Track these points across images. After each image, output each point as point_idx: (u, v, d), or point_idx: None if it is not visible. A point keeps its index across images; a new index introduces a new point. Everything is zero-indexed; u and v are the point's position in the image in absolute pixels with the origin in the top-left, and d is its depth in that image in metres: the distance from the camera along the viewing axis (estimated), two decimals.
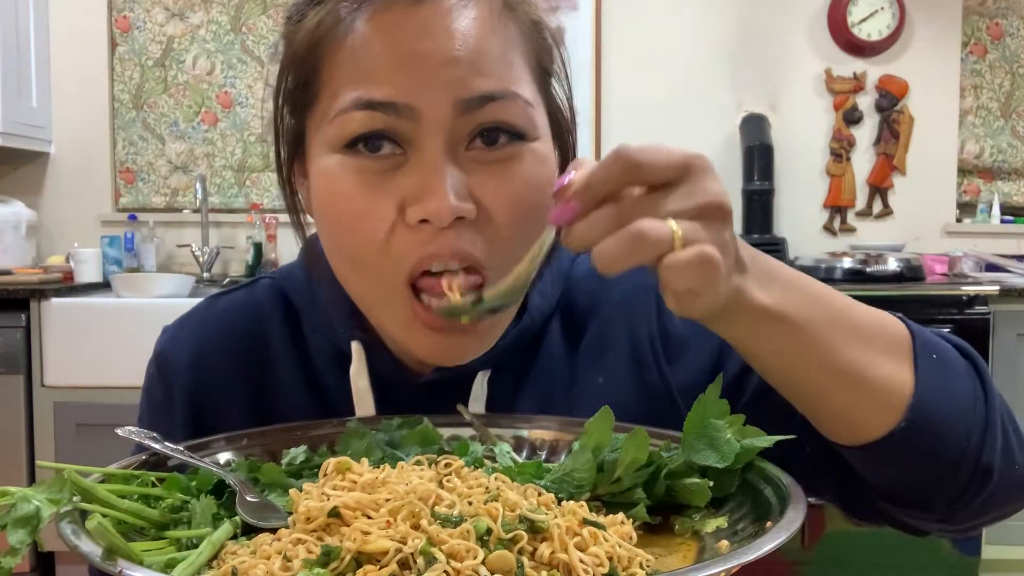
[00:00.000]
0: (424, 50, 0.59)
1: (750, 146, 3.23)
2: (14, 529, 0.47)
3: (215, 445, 0.66)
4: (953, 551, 2.69)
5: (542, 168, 0.63)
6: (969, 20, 3.44)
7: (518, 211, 0.61)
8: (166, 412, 0.76)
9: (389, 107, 0.59)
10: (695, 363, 0.73)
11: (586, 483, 0.58)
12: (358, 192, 0.61)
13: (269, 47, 3.47)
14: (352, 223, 0.62)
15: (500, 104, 0.60)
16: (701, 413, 0.59)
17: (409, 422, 0.67)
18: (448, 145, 0.60)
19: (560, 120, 0.69)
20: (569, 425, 0.69)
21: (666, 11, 3.38)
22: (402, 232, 0.60)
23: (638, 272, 0.57)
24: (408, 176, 0.60)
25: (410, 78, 0.59)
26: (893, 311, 0.65)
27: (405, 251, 0.60)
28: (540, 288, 0.75)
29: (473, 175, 0.60)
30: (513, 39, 0.63)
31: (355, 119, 0.60)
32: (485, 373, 0.71)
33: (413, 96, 0.59)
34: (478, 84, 0.60)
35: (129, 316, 2.79)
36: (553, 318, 0.75)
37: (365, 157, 0.61)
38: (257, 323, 0.77)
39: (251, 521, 0.54)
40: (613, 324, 0.75)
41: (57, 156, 3.45)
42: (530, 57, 0.65)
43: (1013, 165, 3.50)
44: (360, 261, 0.63)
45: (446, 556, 0.44)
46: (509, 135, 0.61)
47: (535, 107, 0.63)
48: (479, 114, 0.60)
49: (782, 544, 0.47)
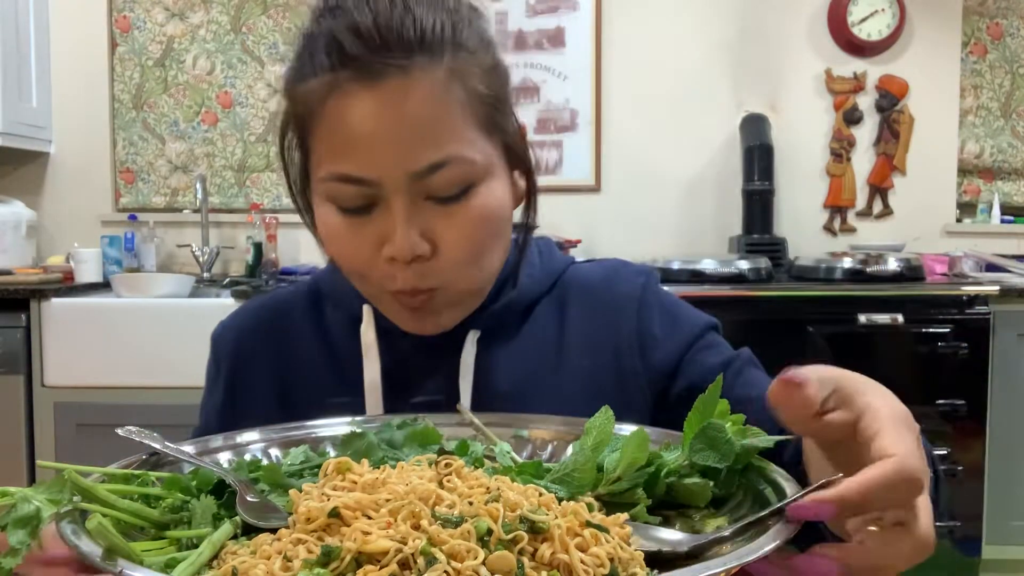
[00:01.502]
0: (377, 131, 0.72)
1: (750, 146, 3.23)
2: (14, 529, 0.47)
3: (215, 445, 0.67)
4: (953, 551, 2.69)
5: (491, 202, 0.77)
6: (969, 20, 3.43)
7: (468, 243, 0.77)
8: (215, 383, 0.94)
9: (355, 180, 0.74)
10: (663, 362, 0.87)
11: (586, 483, 0.58)
12: (345, 234, 0.77)
13: (269, 47, 3.47)
14: (343, 254, 0.79)
15: (447, 170, 0.73)
16: (701, 413, 0.59)
17: (409, 422, 0.67)
18: (407, 202, 0.74)
19: (514, 147, 0.81)
20: (569, 425, 0.69)
21: (666, 11, 3.38)
22: (379, 264, 0.77)
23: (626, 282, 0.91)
24: (380, 222, 0.75)
25: (367, 156, 0.73)
26: (893, 311, 0.65)
27: (381, 279, 0.78)
28: (530, 273, 0.90)
29: (430, 220, 0.75)
30: (457, 101, 0.74)
31: (332, 187, 0.76)
32: (475, 333, 0.86)
33: (372, 170, 0.73)
34: (425, 156, 0.73)
35: (129, 316, 2.79)
36: (543, 300, 0.91)
37: (351, 216, 0.76)
38: (285, 305, 0.95)
39: (251, 521, 0.54)
40: (601, 318, 0.90)
41: (57, 156, 3.45)
42: (475, 110, 0.76)
43: (1013, 165, 3.50)
44: (352, 276, 0.82)
45: (446, 556, 0.44)
46: (459, 192, 0.75)
47: (480, 157, 0.76)
48: (431, 178, 0.73)
49: (782, 544, 0.47)
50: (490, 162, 0.78)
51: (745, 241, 3.16)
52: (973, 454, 2.70)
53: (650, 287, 0.92)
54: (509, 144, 0.80)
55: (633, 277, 0.92)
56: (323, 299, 0.94)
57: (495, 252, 0.81)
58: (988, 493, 2.74)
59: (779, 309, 2.71)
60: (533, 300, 0.90)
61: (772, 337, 2.69)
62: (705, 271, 2.80)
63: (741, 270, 2.80)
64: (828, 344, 2.65)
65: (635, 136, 3.39)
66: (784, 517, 0.49)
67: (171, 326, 2.75)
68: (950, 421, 2.67)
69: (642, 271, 0.93)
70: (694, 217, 3.39)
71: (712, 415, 0.59)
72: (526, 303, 0.90)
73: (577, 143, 3.39)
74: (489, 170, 0.77)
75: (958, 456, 2.68)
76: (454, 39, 0.74)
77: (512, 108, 0.82)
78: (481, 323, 0.87)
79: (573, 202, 3.36)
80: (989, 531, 2.73)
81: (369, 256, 0.77)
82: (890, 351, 2.68)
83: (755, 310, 2.71)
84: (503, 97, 0.80)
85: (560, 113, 3.39)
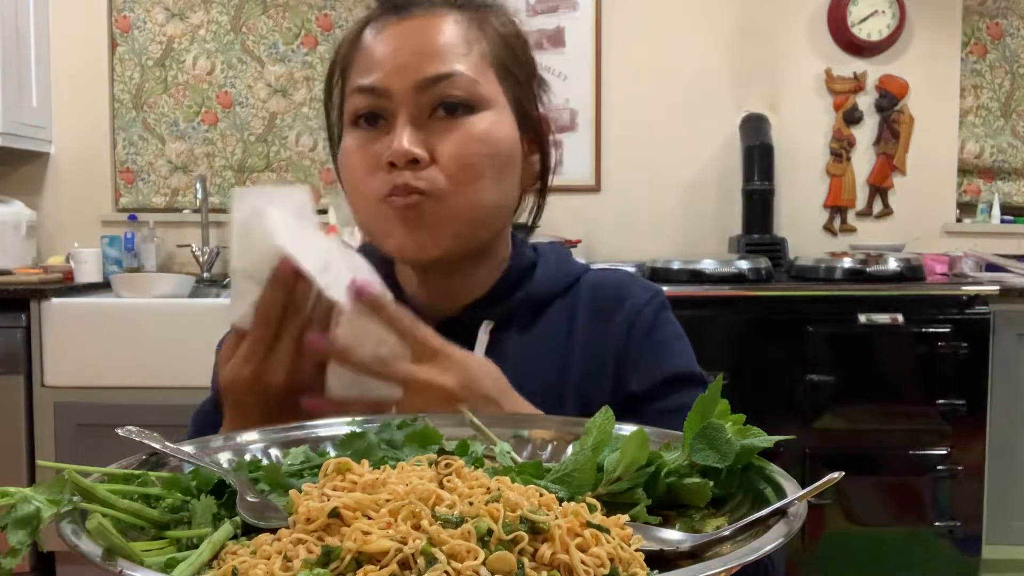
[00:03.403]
0: (398, 48, 0.83)
1: (750, 146, 3.23)
2: (14, 530, 0.47)
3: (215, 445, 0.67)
4: (953, 551, 2.69)
5: (490, 129, 0.84)
6: (969, 20, 3.44)
7: (461, 156, 0.82)
8: None
9: (372, 90, 0.83)
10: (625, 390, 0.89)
11: (586, 483, 0.58)
12: (356, 151, 0.85)
13: (269, 47, 3.47)
14: (350, 170, 0.86)
15: (449, 81, 0.82)
16: (701, 413, 0.59)
17: (409, 422, 0.67)
18: (413, 114, 0.82)
19: (528, 112, 0.88)
20: (569, 425, 0.69)
21: (666, 11, 3.38)
22: (381, 172, 0.83)
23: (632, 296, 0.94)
24: (388, 138, 0.83)
25: (385, 68, 0.83)
26: (893, 311, 0.66)
27: (378, 187, 0.83)
28: (546, 270, 0.94)
29: (432, 133, 0.82)
30: (475, 42, 0.84)
31: (353, 101, 0.85)
32: (489, 323, 0.89)
33: (383, 80, 0.82)
34: (432, 68, 0.82)
35: (129, 316, 2.79)
36: (557, 301, 0.93)
37: (363, 129, 0.85)
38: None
39: (251, 521, 0.54)
40: (602, 324, 0.92)
41: (57, 156, 3.45)
42: (491, 54, 0.85)
43: (1013, 165, 3.51)
44: (355, 197, 0.87)
45: (447, 556, 0.44)
46: (463, 107, 0.83)
47: (485, 85, 0.84)
48: (434, 88, 0.82)
49: (782, 544, 0.47)
50: (496, 98, 0.85)
51: (745, 241, 3.16)
52: (973, 454, 2.70)
53: (652, 307, 0.92)
54: (522, 104, 0.87)
55: (640, 292, 0.93)
56: None
57: (492, 183, 0.84)
58: (988, 493, 2.74)
59: (779, 309, 2.71)
60: (547, 298, 0.93)
61: (772, 337, 2.69)
62: (705, 271, 2.80)
63: (741, 270, 2.80)
64: (828, 344, 2.66)
65: (635, 136, 3.39)
66: (785, 517, 0.49)
67: (171, 326, 2.75)
68: (950, 421, 2.67)
69: (650, 289, 0.94)
70: (694, 217, 3.39)
71: (712, 415, 0.59)
72: (540, 299, 0.92)
73: (577, 143, 3.39)
74: (495, 103, 0.84)
75: (958, 456, 2.68)
76: (482, 3, 0.87)
77: (536, 93, 0.90)
78: (495, 314, 0.89)
79: (573, 202, 3.36)
80: (989, 531, 2.73)
81: (371, 167, 0.83)
82: (890, 351, 2.68)
83: (755, 310, 2.71)
84: (524, 63, 0.88)
85: (560, 113, 3.39)
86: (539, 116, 0.90)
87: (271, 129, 3.49)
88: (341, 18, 3.47)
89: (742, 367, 2.54)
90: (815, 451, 2.65)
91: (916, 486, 2.69)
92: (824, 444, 2.67)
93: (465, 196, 0.82)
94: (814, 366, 2.65)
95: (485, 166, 0.83)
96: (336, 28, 3.46)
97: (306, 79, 3.47)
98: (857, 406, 2.68)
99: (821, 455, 2.64)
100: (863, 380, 2.68)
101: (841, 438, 2.69)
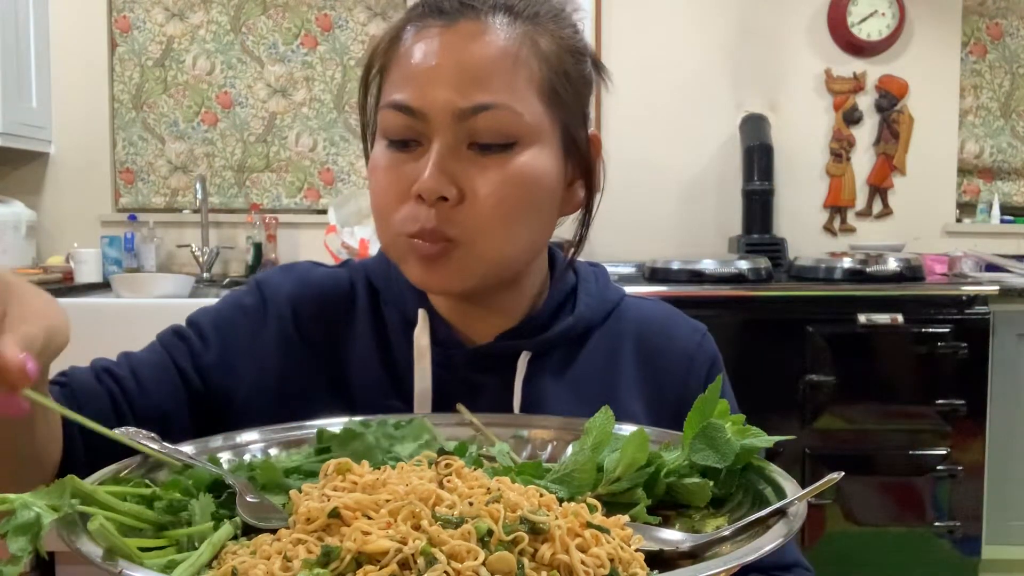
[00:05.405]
0: (439, 65, 0.75)
1: (750, 146, 3.23)
2: (15, 537, 0.46)
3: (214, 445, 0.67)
4: (953, 551, 2.69)
5: (534, 167, 0.77)
6: (969, 20, 3.44)
7: (498, 200, 0.75)
8: (254, 318, 0.88)
9: (407, 109, 0.75)
10: None
11: (586, 483, 0.58)
12: (385, 168, 0.78)
13: (269, 47, 3.47)
14: (378, 189, 0.79)
15: (492, 114, 0.74)
16: (701, 413, 0.59)
17: (404, 424, 0.67)
18: (449, 143, 0.75)
19: (575, 137, 0.82)
20: (569, 425, 0.69)
21: (666, 11, 3.38)
22: (410, 203, 0.76)
23: (682, 337, 0.90)
24: (420, 162, 0.75)
25: (421, 88, 0.75)
26: (893, 311, 0.65)
27: (403, 221, 0.77)
28: (587, 301, 0.89)
29: (466, 167, 0.75)
30: (522, 61, 0.76)
31: (385, 116, 0.78)
32: (527, 354, 0.84)
33: (421, 102, 0.75)
34: (475, 96, 0.74)
35: (129, 316, 2.79)
36: (597, 332, 0.88)
37: (395, 150, 0.77)
38: (347, 293, 0.91)
39: (251, 521, 0.54)
40: (654, 367, 0.88)
41: (57, 156, 3.45)
42: (539, 77, 0.77)
43: (1013, 165, 3.51)
44: (379, 217, 0.80)
45: (447, 557, 0.44)
46: (502, 143, 0.75)
47: (530, 117, 0.76)
48: (474, 120, 0.74)
49: (782, 544, 0.47)
50: (540, 129, 0.77)
51: (745, 241, 3.16)
52: (973, 454, 2.70)
53: (704, 348, 0.90)
54: (570, 130, 0.81)
55: (690, 333, 0.91)
56: (377, 293, 0.91)
57: (526, 226, 0.78)
58: (988, 493, 2.74)
59: (779, 309, 2.71)
60: (587, 329, 0.88)
61: (772, 337, 2.69)
62: (705, 271, 2.80)
63: (741, 270, 2.80)
64: (828, 344, 2.65)
65: (635, 136, 3.38)
66: (785, 517, 0.49)
67: None
68: (950, 421, 2.67)
69: (698, 328, 0.92)
70: (694, 217, 3.39)
71: (712, 415, 0.59)
72: (581, 330, 0.88)
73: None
74: (538, 136, 0.77)
75: (958, 456, 2.68)
76: (536, 12, 0.79)
77: (587, 115, 0.84)
78: (534, 345, 0.85)
79: None
80: (989, 531, 2.73)
81: (399, 193, 0.76)
82: (890, 351, 2.67)
83: (755, 310, 2.71)
84: (577, 81, 0.81)
85: None
86: (588, 137, 0.84)
87: (271, 129, 3.49)
88: (341, 18, 3.47)
89: (742, 367, 2.53)
90: (815, 451, 2.65)
91: (916, 486, 2.69)
92: (824, 444, 2.67)
93: (496, 240, 0.76)
94: (814, 366, 2.65)
95: (521, 209, 0.77)
96: (336, 28, 3.46)
97: (306, 79, 3.47)
98: (857, 406, 2.67)
99: (821, 455, 2.64)
100: (863, 380, 2.68)
101: (841, 438, 2.68)
